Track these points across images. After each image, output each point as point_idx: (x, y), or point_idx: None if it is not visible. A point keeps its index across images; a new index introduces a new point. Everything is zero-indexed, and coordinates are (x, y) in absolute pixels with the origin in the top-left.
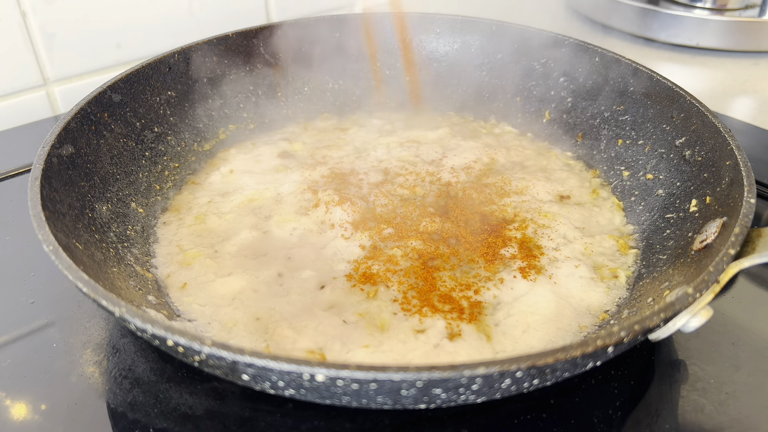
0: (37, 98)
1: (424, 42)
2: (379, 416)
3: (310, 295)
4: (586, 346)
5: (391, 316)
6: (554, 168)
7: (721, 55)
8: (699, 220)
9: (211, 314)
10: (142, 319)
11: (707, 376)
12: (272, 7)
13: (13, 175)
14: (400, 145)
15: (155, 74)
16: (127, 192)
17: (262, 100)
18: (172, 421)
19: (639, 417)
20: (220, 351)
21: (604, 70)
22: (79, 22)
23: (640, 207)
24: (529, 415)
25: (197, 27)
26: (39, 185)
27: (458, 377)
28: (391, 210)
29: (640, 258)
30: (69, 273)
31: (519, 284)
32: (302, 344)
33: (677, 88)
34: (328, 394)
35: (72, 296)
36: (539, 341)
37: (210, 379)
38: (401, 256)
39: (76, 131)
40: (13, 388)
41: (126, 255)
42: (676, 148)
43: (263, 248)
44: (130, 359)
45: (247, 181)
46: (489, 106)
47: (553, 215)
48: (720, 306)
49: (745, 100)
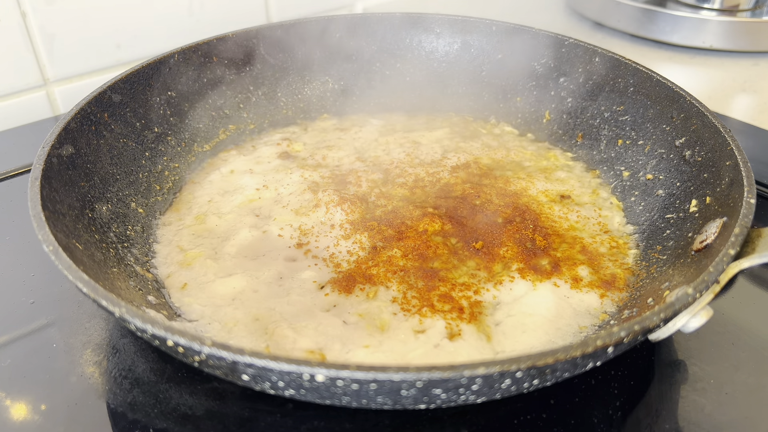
0: (37, 98)
1: (424, 42)
2: (379, 416)
3: (310, 296)
4: (586, 346)
5: (391, 317)
6: (554, 168)
7: (721, 55)
8: (699, 221)
9: (211, 314)
10: (142, 319)
11: (707, 376)
12: (272, 7)
13: (13, 175)
14: (400, 145)
15: (155, 74)
16: (127, 192)
17: (262, 100)
18: (172, 422)
19: (639, 417)
20: (220, 351)
21: (604, 70)
22: (79, 22)
23: (640, 207)
24: (529, 415)
25: (197, 27)
26: (39, 185)
27: (458, 377)
28: (390, 210)
29: (640, 258)
30: (69, 273)
31: (519, 284)
32: (302, 344)
33: (677, 89)
34: (328, 395)
35: (72, 296)
36: (539, 341)
37: (210, 380)
38: (401, 257)
39: (76, 131)
40: (13, 388)
41: (126, 255)
42: (676, 149)
43: (263, 248)
44: (130, 359)
45: (247, 182)
46: (489, 106)
47: (553, 215)
48: (720, 306)
49: (745, 100)
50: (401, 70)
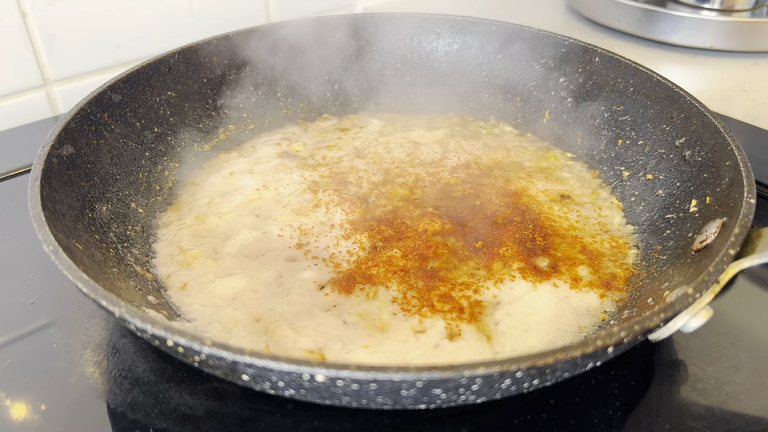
0: (37, 98)
1: (424, 42)
2: (379, 416)
3: (310, 296)
4: (586, 346)
5: (391, 317)
6: (554, 168)
7: (721, 55)
8: (699, 221)
9: (211, 314)
10: (142, 319)
11: (707, 376)
12: (272, 7)
13: (13, 175)
14: (400, 145)
15: (155, 74)
16: (127, 192)
17: (262, 100)
18: (172, 422)
19: (639, 417)
20: (220, 351)
21: (604, 70)
22: (79, 22)
23: (640, 207)
24: (529, 415)
25: (197, 27)
26: (39, 185)
27: (458, 377)
28: (390, 210)
29: (640, 258)
30: (69, 273)
31: (519, 284)
32: (302, 344)
33: (677, 89)
34: (328, 395)
35: (72, 296)
36: (539, 341)
37: (210, 380)
38: (401, 257)
39: (76, 131)
40: (13, 388)
41: (126, 255)
42: (676, 149)
43: (263, 248)
44: (130, 359)
45: (247, 182)
46: (489, 106)
47: (553, 215)
48: (720, 306)
49: (745, 100)
50: (401, 70)
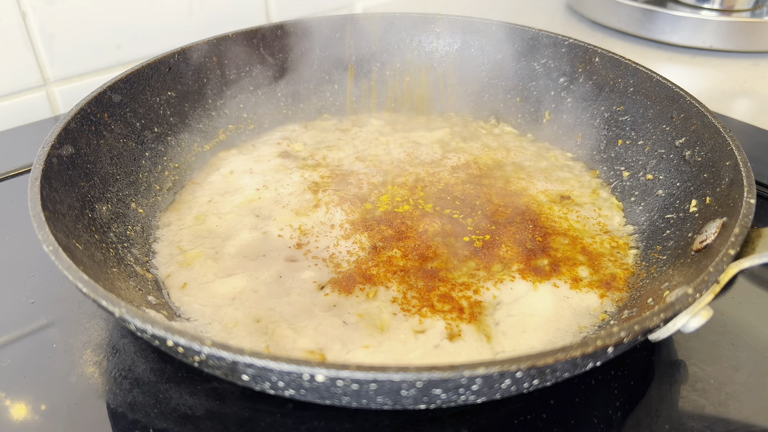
0: (37, 98)
1: (424, 42)
2: (379, 416)
3: (310, 296)
4: (586, 346)
5: (391, 317)
6: (554, 168)
7: (721, 55)
8: (699, 221)
9: (211, 314)
10: (142, 319)
11: (707, 376)
12: (272, 7)
13: (13, 175)
14: (400, 145)
15: (155, 74)
16: (127, 192)
17: (262, 100)
18: (172, 422)
19: (639, 417)
20: (220, 351)
21: (604, 70)
22: (79, 22)
23: (640, 207)
24: (529, 415)
25: (197, 27)
26: (39, 185)
27: (458, 377)
28: (390, 210)
29: (640, 258)
30: (69, 273)
31: (519, 285)
32: (302, 344)
33: (677, 89)
34: (328, 395)
35: (72, 296)
36: (539, 341)
37: (210, 380)
38: (401, 257)
39: (76, 131)
40: (13, 388)
41: (126, 255)
42: (676, 149)
43: (263, 248)
44: (130, 359)
45: (247, 182)
46: (489, 106)
47: (553, 215)
48: (720, 306)
49: (745, 100)
50: (401, 70)
